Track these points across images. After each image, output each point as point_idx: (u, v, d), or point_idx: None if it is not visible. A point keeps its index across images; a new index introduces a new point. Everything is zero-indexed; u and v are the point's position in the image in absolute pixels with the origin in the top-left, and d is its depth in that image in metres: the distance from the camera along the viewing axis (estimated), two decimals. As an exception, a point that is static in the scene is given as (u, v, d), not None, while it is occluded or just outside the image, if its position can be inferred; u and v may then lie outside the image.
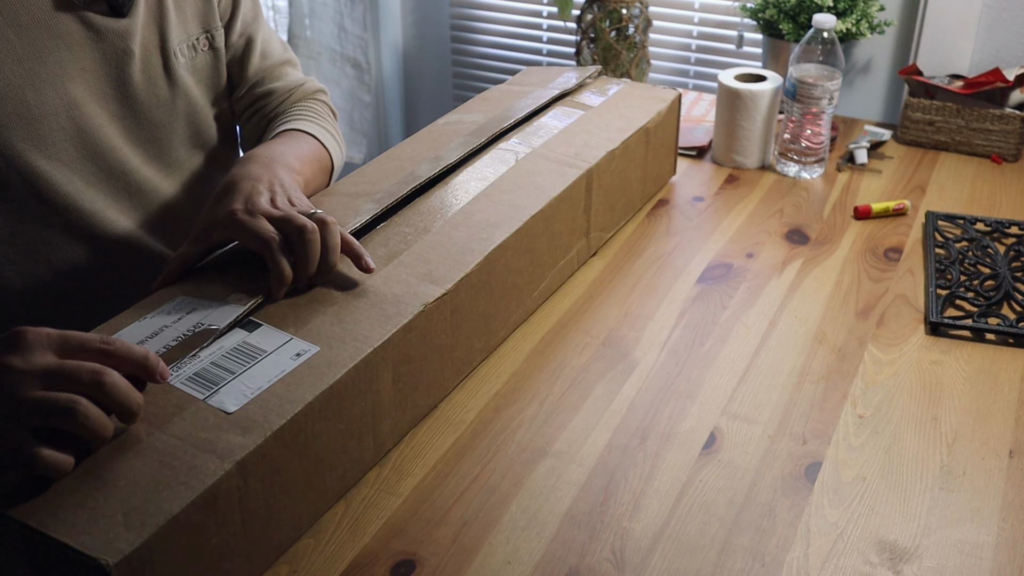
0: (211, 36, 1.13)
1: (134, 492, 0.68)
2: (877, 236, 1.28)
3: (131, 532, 0.66)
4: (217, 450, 0.72)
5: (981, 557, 0.81)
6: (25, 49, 0.95)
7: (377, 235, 0.99)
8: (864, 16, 1.66)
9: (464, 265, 0.96)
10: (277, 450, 0.76)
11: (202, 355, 0.81)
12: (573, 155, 1.17)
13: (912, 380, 1.01)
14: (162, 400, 0.76)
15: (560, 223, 1.11)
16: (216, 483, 0.70)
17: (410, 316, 0.88)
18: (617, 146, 1.20)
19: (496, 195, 1.07)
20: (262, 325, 0.85)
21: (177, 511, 0.68)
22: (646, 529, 0.84)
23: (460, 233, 1.00)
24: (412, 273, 0.93)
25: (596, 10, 1.77)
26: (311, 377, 0.80)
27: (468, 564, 0.80)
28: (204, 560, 0.71)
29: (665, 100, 1.33)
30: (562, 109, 1.28)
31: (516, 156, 1.15)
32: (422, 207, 1.04)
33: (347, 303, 0.88)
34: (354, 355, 0.83)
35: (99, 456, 0.71)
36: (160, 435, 0.73)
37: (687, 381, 1.01)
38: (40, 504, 0.67)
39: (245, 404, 0.76)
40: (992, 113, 1.47)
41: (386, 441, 0.90)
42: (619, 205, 1.25)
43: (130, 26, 1.03)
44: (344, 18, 2.33)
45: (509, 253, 1.02)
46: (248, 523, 0.75)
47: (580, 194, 1.14)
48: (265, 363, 0.81)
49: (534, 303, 1.11)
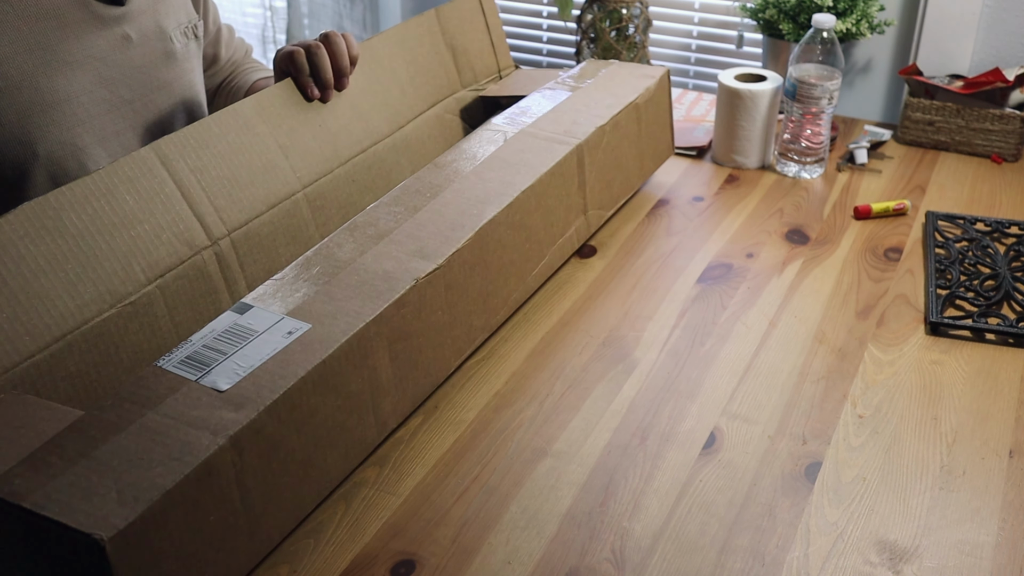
0: (195, 25, 1.19)
1: (127, 470, 0.69)
2: (877, 236, 1.28)
3: (125, 508, 0.66)
4: (210, 426, 0.73)
5: (981, 557, 0.81)
6: (35, 38, 0.99)
7: (366, 215, 0.99)
8: (864, 16, 1.66)
9: (455, 240, 0.96)
10: (272, 425, 0.76)
11: (193, 339, 0.81)
12: (562, 132, 1.17)
13: (912, 380, 1.01)
14: (153, 383, 0.77)
15: (554, 199, 1.12)
16: (210, 458, 0.71)
17: (402, 291, 0.88)
18: (607, 122, 1.21)
19: (485, 173, 1.07)
20: (253, 307, 0.85)
21: (170, 486, 0.68)
22: (646, 529, 0.84)
23: (450, 210, 1.00)
24: (403, 250, 0.94)
25: (596, 10, 1.77)
26: (303, 353, 0.80)
27: (468, 564, 0.80)
28: (204, 537, 0.72)
29: (653, 77, 1.33)
30: (548, 90, 1.29)
31: (504, 136, 1.16)
32: (411, 187, 1.05)
33: (338, 281, 0.89)
34: (346, 330, 0.83)
35: (91, 437, 0.72)
36: (152, 415, 0.74)
37: (687, 381, 1.01)
38: (34, 485, 0.67)
39: (238, 382, 0.77)
40: (992, 113, 1.47)
41: (388, 420, 0.91)
42: (616, 182, 1.26)
43: (129, 13, 1.07)
44: (343, 18, 2.33)
45: (502, 229, 1.02)
46: (247, 500, 0.75)
47: (572, 170, 1.15)
48: (257, 343, 0.81)
49: (535, 281, 1.11)
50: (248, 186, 1.02)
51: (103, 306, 0.87)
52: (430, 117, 1.28)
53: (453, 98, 1.33)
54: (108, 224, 0.90)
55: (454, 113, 1.34)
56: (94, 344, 0.86)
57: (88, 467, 0.69)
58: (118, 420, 0.73)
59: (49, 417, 0.75)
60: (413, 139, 1.25)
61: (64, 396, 0.84)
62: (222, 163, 1.01)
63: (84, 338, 0.85)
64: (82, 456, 0.70)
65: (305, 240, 1.08)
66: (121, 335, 0.88)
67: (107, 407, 0.75)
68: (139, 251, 0.91)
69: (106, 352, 0.87)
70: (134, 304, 0.89)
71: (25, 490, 0.67)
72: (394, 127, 1.22)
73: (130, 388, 0.77)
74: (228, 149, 1.02)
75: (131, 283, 0.90)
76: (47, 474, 0.69)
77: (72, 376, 0.85)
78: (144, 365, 0.90)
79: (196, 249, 0.95)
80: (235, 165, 1.02)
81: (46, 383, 0.83)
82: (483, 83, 1.38)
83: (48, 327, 0.83)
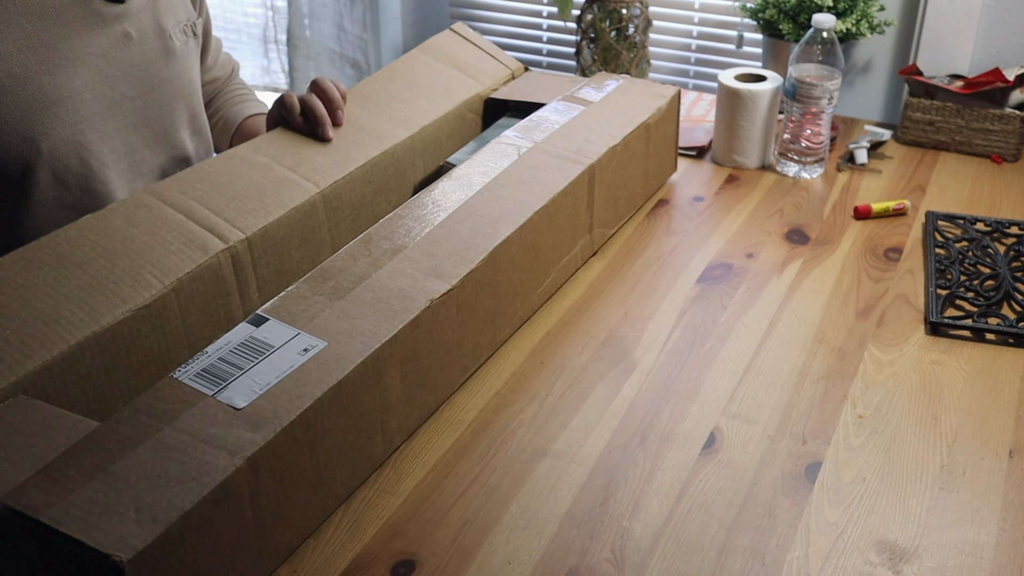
0: (194, 24, 1.20)
1: (145, 488, 0.69)
2: (877, 236, 1.28)
3: (143, 528, 0.66)
4: (228, 446, 0.73)
5: (981, 557, 0.81)
6: (38, 36, 1.00)
7: (381, 228, 0.99)
8: (864, 16, 1.66)
9: (469, 261, 0.96)
10: (287, 446, 0.76)
11: (210, 351, 0.81)
12: (575, 151, 1.17)
13: (912, 380, 1.01)
14: (170, 396, 0.76)
15: (563, 219, 1.12)
16: (227, 479, 0.71)
17: (416, 312, 0.88)
18: (619, 142, 1.21)
19: (499, 190, 1.07)
20: (269, 319, 0.85)
21: (189, 507, 0.68)
22: (646, 529, 0.84)
23: (464, 228, 1.00)
24: (417, 267, 0.94)
25: (596, 10, 1.77)
26: (320, 373, 0.80)
27: (468, 564, 0.80)
28: (216, 556, 0.71)
29: (665, 96, 1.33)
30: (562, 103, 1.29)
31: (518, 150, 1.15)
32: (425, 199, 1.04)
33: (353, 297, 0.89)
34: (362, 351, 0.83)
35: (108, 451, 0.71)
36: (170, 431, 0.73)
37: (687, 381, 1.01)
38: (51, 499, 0.67)
39: (254, 400, 0.77)
40: (992, 113, 1.47)
41: (395, 438, 0.90)
42: (621, 201, 1.26)
43: (128, 11, 1.08)
44: (343, 18, 2.33)
45: (514, 249, 1.02)
46: (259, 520, 0.75)
47: (583, 190, 1.15)
48: (273, 358, 0.81)
49: (538, 300, 1.11)
50: (258, 198, 1.02)
51: (116, 312, 0.86)
52: (452, 116, 1.28)
53: (477, 97, 1.33)
54: (110, 251, 0.90)
55: (477, 112, 1.33)
56: (106, 348, 0.85)
57: (105, 482, 0.69)
58: (135, 434, 0.73)
59: (60, 425, 0.75)
60: (431, 139, 1.24)
61: (73, 399, 0.83)
62: (225, 190, 1.00)
63: (96, 341, 0.84)
64: (99, 470, 0.70)
65: (317, 242, 1.07)
66: (133, 338, 0.88)
67: (123, 419, 0.74)
68: (148, 262, 0.91)
69: (117, 355, 0.86)
70: (148, 308, 0.88)
71: (43, 504, 0.67)
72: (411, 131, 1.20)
73: (146, 400, 0.76)
74: (229, 180, 1.02)
75: (144, 289, 0.89)
76: (65, 487, 0.68)
77: (82, 379, 0.84)
78: (153, 367, 0.90)
79: (211, 253, 0.94)
80: (240, 187, 1.02)
81: (56, 387, 0.82)
82: (500, 85, 1.38)
83: (60, 336, 0.82)
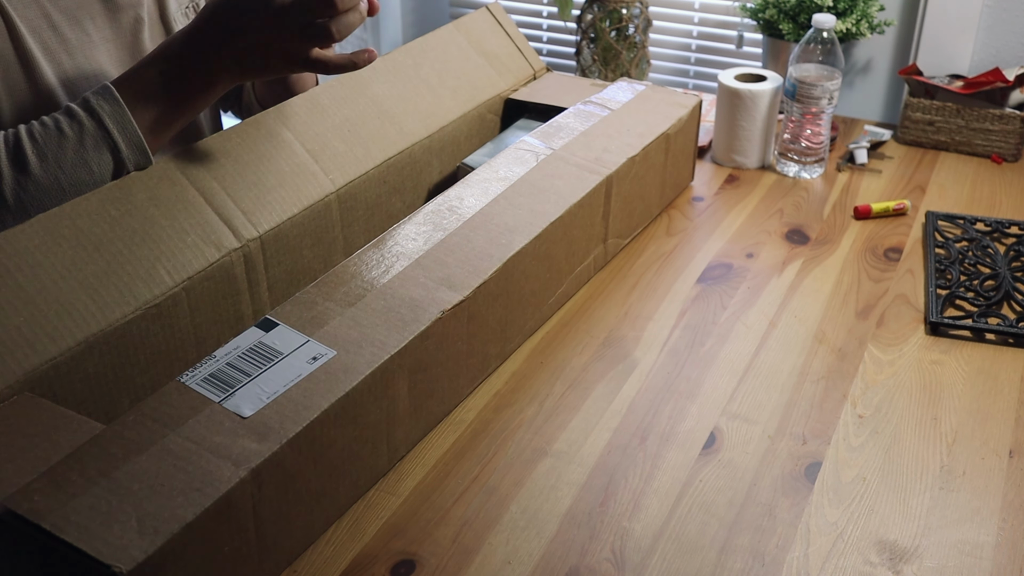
0: (196, 4, 1.19)
1: (148, 496, 0.68)
2: (877, 236, 1.28)
3: (145, 539, 0.65)
4: (232, 456, 0.72)
5: (981, 557, 0.81)
6: (58, 16, 1.01)
7: (395, 233, 0.98)
8: (864, 16, 1.66)
9: (482, 272, 0.94)
10: (292, 457, 0.75)
11: (218, 355, 0.80)
12: (593, 160, 1.15)
13: (912, 380, 1.01)
14: (176, 401, 0.75)
15: (578, 229, 1.10)
16: (231, 491, 0.70)
17: (427, 323, 0.87)
18: (638, 152, 1.19)
19: (515, 198, 1.06)
20: (279, 325, 0.84)
21: (191, 518, 0.67)
22: (646, 529, 0.84)
23: (479, 236, 0.99)
24: (430, 277, 0.92)
25: (596, 10, 1.77)
26: (327, 383, 0.79)
27: (468, 564, 0.80)
28: (216, 566, 0.71)
29: (686, 106, 1.31)
30: (582, 108, 1.27)
31: (536, 157, 1.14)
32: (441, 204, 1.03)
33: (364, 305, 0.88)
34: (371, 361, 0.82)
35: (112, 456, 0.71)
36: (175, 437, 0.72)
37: (687, 381, 1.01)
38: (53, 504, 0.66)
39: (261, 409, 0.76)
40: (992, 113, 1.47)
41: (399, 448, 0.90)
42: (637, 211, 1.24)
43: None
44: (344, 18, 2.32)
45: (527, 260, 1.01)
46: (261, 531, 0.74)
47: (599, 200, 1.13)
48: (281, 366, 0.80)
49: (550, 310, 1.10)
50: (277, 189, 1.01)
51: (126, 309, 0.85)
52: (471, 117, 1.27)
53: (498, 97, 1.32)
54: (128, 231, 0.89)
55: (496, 113, 1.32)
56: (115, 346, 0.85)
57: (108, 489, 0.68)
58: (139, 439, 0.72)
59: (64, 426, 0.74)
60: (449, 140, 1.23)
61: (80, 398, 0.83)
62: (247, 170, 0.99)
63: (106, 340, 0.84)
64: (102, 476, 0.69)
65: (329, 242, 1.06)
66: (143, 336, 0.87)
67: (129, 423, 0.73)
68: (163, 255, 0.90)
69: (125, 353, 0.86)
70: (159, 307, 0.88)
71: (45, 508, 0.66)
72: (431, 129, 1.20)
73: (152, 404, 0.75)
74: (252, 158, 1.01)
75: (156, 286, 0.88)
76: (67, 492, 0.67)
77: (90, 377, 0.83)
78: (160, 365, 0.89)
79: (225, 251, 0.94)
80: (261, 172, 1.00)
81: (63, 384, 0.81)
82: (521, 85, 1.37)
83: (70, 330, 0.82)
